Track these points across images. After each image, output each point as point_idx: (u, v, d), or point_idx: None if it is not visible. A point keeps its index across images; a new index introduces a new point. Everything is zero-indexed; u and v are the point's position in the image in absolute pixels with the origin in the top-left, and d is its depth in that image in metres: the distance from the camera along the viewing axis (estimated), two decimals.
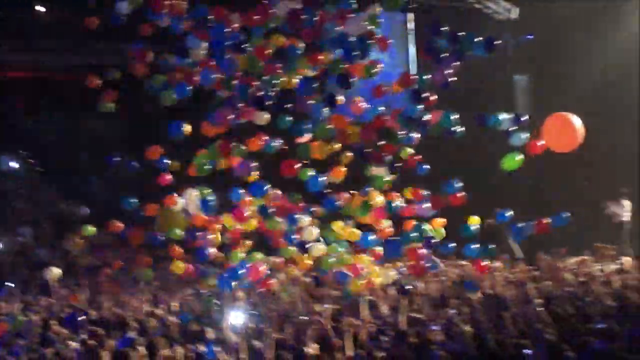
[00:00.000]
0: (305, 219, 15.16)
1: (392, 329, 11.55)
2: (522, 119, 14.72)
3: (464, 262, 16.88)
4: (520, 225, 14.94)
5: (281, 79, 14.46)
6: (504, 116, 14.86)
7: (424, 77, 14.91)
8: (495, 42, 14.25)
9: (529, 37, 25.54)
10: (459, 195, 15.12)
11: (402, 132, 14.81)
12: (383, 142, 14.85)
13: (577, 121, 14.66)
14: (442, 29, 14.71)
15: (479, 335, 11.06)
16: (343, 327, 11.19)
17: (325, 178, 14.71)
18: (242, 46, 14.17)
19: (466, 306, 12.80)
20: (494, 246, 15.43)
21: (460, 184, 15.28)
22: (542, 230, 14.66)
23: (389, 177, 15.11)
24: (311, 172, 14.75)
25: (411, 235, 14.94)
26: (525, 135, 14.75)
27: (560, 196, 22.61)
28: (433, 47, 14.69)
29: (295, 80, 14.60)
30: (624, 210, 22.31)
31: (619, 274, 15.87)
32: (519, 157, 14.75)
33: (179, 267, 15.04)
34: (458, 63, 14.54)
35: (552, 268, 16.21)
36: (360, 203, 15.03)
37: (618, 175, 23.25)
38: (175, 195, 15.23)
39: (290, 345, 10.83)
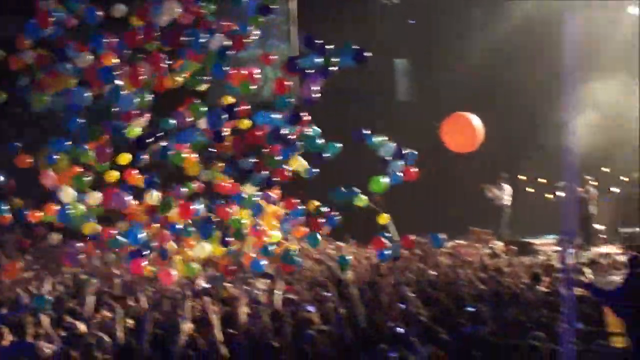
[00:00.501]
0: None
1: (267, 308, 11.48)
2: (403, 151, 14.74)
3: (342, 244, 16.96)
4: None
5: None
6: (385, 144, 14.84)
7: (288, 99, 14.87)
8: (364, 54, 14.17)
9: (410, 21, 25.86)
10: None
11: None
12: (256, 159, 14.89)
13: (476, 121, 14.78)
14: (315, 41, 14.68)
15: (354, 317, 11.10)
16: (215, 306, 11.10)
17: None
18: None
19: (342, 288, 12.82)
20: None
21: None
22: (408, 245, 14.67)
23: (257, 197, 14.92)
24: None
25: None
26: (401, 164, 14.78)
27: (443, 181, 22.98)
28: (297, 64, 14.67)
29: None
30: (505, 194, 22.77)
31: (491, 257, 16.18)
32: (385, 180, 14.79)
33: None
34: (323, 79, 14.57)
35: (427, 252, 16.38)
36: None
37: (499, 161, 23.78)
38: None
39: (166, 323, 10.68)
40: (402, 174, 14.89)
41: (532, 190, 23.98)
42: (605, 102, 22.57)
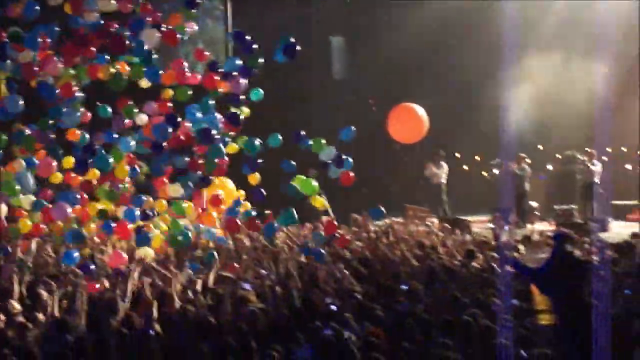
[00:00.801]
0: None
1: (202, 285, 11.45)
2: (344, 159, 14.73)
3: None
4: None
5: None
6: (326, 148, 14.82)
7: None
8: (296, 48, 14.15)
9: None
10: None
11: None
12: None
13: (421, 112, 14.77)
14: (245, 38, 14.70)
15: (289, 294, 11.11)
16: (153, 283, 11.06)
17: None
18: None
19: (279, 265, 12.83)
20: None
21: None
22: (330, 230, 14.67)
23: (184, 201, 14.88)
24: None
25: None
26: (340, 170, 14.77)
27: (380, 158, 23.03)
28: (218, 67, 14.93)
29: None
30: (443, 172, 22.90)
31: (427, 235, 16.27)
32: (315, 184, 14.82)
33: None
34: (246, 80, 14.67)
35: (362, 229, 16.43)
36: None
37: (435, 138, 23.91)
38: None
39: (103, 302, 10.61)
40: (339, 178, 14.90)
41: (467, 168, 24.14)
42: (541, 80, 22.76)
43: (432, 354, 8.02)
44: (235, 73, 14.84)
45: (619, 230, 19.52)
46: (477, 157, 24.20)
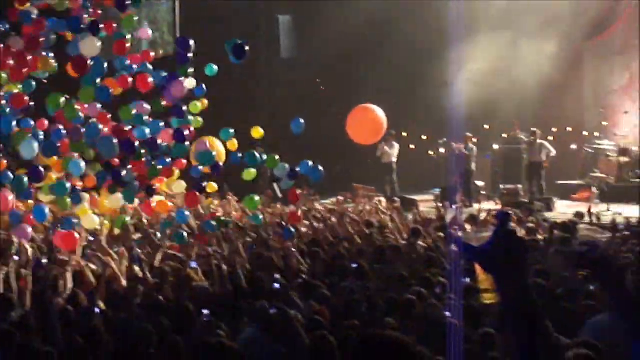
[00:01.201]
0: None
1: (147, 265, 11.37)
2: (296, 172, 14.62)
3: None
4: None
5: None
6: (279, 165, 14.72)
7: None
8: (245, 49, 14.02)
9: None
10: None
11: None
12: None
13: (380, 112, 14.73)
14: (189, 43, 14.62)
15: (234, 272, 11.09)
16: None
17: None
18: None
19: (224, 244, 12.80)
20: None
21: None
22: (294, 199, 14.64)
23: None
24: None
25: None
26: (291, 183, 14.68)
27: (328, 137, 23.02)
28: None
29: None
30: (395, 151, 22.96)
31: (375, 214, 16.32)
32: (257, 199, 14.81)
33: None
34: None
35: (308, 207, 16.44)
36: None
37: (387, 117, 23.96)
38: None
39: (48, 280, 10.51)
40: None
41: (414, 147, 24.22)
42: (489, 59, 22.87)
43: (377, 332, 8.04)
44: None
45: (564, 210, 19.75)
46: (424, 137, 24.28)
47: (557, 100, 23.98)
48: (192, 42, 14.71)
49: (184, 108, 14.91)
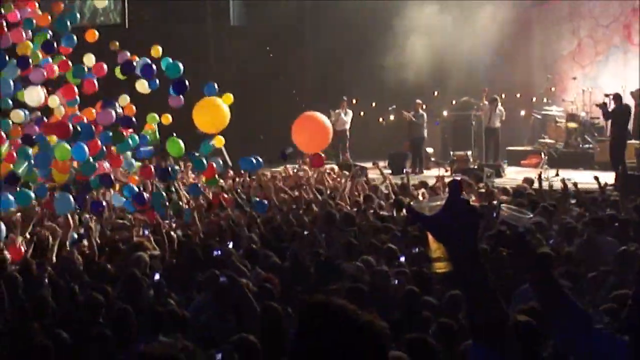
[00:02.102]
0: None
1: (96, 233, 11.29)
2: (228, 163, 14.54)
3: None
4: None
5: None
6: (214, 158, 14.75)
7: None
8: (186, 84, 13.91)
9: None
10: None
11: None
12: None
13: (325, 120, 14.63)
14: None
15: (187, 240, 11.04)
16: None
17: None
18: None
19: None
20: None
21: None
22: (210, 174, 14.60)
23: None
24: None
25: None
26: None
27: (281, 106, 22.97)
28: None
29: None
30: (348, 118, 22.97)
31: (326, 181, 16.32)
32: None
33: None
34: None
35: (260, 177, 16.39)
36: None
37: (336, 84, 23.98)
38: None
39: None
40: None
41: (363, 114, 24.23)
42: (438, 27, 22.90)
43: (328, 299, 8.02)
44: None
45: (513, 176, 19.88)
46: (373, 104, 24.28)
47: (506, 66, 24.07)
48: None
49: None
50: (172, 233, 11.39)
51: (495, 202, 12.80)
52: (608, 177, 16.34)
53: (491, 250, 3.49)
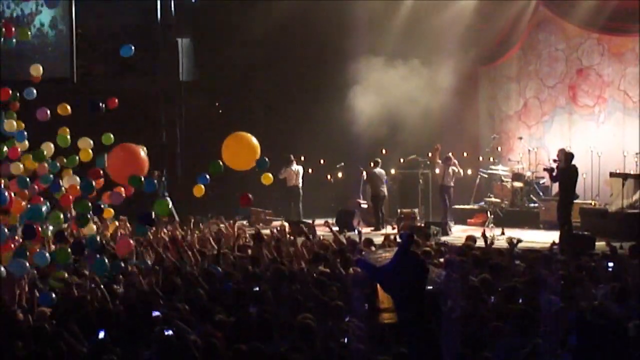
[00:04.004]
0: None
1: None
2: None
3: None
4: None
5: None
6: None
7: None
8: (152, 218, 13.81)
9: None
10: None
11: None
12: None
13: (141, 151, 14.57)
14: None
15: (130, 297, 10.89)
16: None
17: None
18: None
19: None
20: None
21: None
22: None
23: None
24: None
25: None
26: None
27: None
28: None
29: None
30: (299, 174, 22.98)
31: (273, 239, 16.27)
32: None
33: None
34: None
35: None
36: None
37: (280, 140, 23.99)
38: None
39: None
40: None
41: (312, 171, 24.28)
42: (384, 86, 23.05)
43: (272, 355, 7.94)
44: None
45: (459, 234, 19.97)
46: (321, 161, 24.37)
47: (453, 125, 24.33)
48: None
49: None
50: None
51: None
52: (553, 236, 16.51)
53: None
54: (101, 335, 8.84)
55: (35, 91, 14.96)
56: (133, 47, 14.37)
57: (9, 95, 14.68)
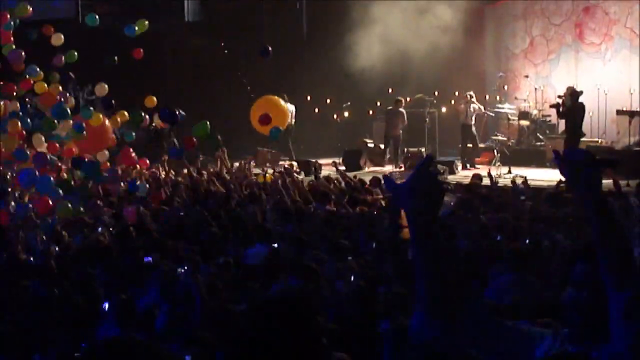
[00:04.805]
0: None
1: None
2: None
3: None
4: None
5: None
6: None
7: None
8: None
9: None
10: None
11: None
12: None
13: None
14: None
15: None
16: None
17: None
18: None
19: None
20: None
21: None
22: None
23: None
24: None
25: None
26: None
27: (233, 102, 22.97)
28: None
29: None
30: (291, 111, 22.95)
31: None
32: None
33: None
34: None
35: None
36: None
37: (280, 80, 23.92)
38: None
39: None
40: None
41: (318, 111, 24.21)
42: (392, 24, 22.90)
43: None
44: None
45: (465, 173, 20.00)
46: (327, 100, 24.29)
47: (460, 64, 24.21)
48: None
49: None
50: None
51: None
52: (559, 175, 16.48)
53: None
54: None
55: None
56: None
57: None
